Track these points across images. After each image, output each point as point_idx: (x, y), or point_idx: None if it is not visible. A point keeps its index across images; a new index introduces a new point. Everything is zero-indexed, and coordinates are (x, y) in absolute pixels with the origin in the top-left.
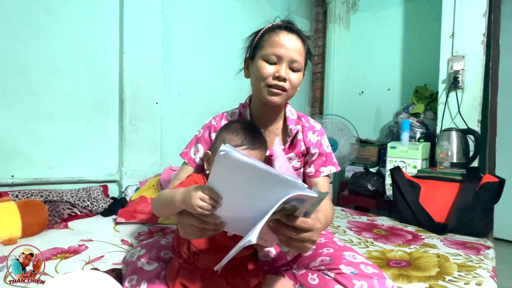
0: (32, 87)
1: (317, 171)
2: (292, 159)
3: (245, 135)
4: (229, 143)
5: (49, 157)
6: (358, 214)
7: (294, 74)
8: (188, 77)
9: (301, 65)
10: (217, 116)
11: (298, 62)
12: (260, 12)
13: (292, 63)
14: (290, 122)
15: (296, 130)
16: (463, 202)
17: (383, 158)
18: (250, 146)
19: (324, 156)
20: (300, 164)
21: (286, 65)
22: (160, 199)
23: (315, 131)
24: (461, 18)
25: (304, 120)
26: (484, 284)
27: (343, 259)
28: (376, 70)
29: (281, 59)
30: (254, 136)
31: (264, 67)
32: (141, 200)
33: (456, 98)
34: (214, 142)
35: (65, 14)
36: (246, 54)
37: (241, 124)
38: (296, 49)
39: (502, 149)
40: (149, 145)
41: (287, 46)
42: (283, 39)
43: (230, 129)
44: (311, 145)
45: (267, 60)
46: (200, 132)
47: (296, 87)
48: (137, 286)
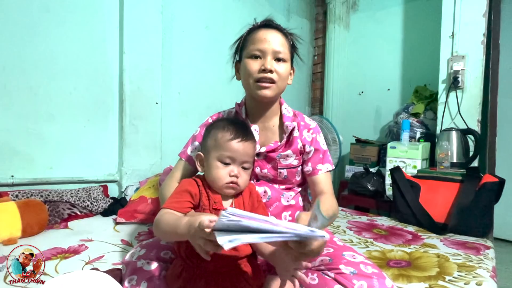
0: (32, 87)
1: (314, 168)
2: (289, 156)
3: (235, 129)
4: (221, 139)
5: (49, 157)
6: (358, 214)
7: (280, 64)
8: (188, 77)
9: (286, 56)
10: (213, 115)
11: (281, 52)
12: (260, 12)
13: (277, 54)
14: (286, 119)
15: (292, 126)
16: (463, 202)
17: (383, 158)
18: (243, 138)
19: (321, 153)
20: (298, 162)
21: (270, 57)
22: (162, 226)
23: (310, 129)
24: (461, 18)
25: (299, 118)
26: (484, 284)
27: (343, 259)
28: (376, 70)
29: (264, 53)
30: (244, 129)
31: (249, 63)
32: (141, 200)
33: (456, 98)
34: (204, 141)
35: (65, 14)
36: (234, 59)
37: (228, 120)
38: (277, 41)
39: (502, 149)
40: (149, 145)
41: (268, 39)
42: (263, 34)
43: (219, 126)
44: (307, 143)
45: (252, 57)
46: (197, 130)
47: (285, 78)
48: (137, 286)
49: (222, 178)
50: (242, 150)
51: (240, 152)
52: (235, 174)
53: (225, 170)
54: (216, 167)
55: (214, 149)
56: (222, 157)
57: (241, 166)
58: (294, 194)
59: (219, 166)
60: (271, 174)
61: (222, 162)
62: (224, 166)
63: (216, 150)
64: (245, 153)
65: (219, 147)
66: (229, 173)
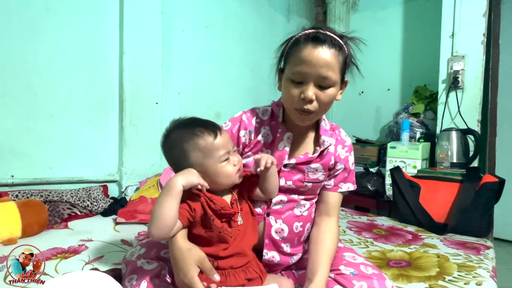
0: (32, 87)
1: (335, 185)
2: (318, 170)
3: (209, 129)
4: (205, 145)
5: (49, 157)
6: (358, 214)
7: (323, 92)
8: (188, 77)
9: (333, 79)
10: (247, 112)
11: (328, 78)
12: (260, 12)
13: (321, 81)
14: (323, 133)
15: (329, 143)
16: (463, 202)
17: (383, 158)
18: (219, 133)
19: (347, 172)
20: (324, 178)
21: (313, 84)
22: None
23: (345, 146)
24: (461, 18)
25: (337, 133)
26: (484, 284)
27: (343, 259)
28: (376, 70)
29: (307, 78)
30: (212, 124)
31: (289, 88)
32: (141, 200)
33: (456, 98)
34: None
35: (65, 14)
36: (278, 66)
37: (193, 125)
38: (325, 63)
39: (502, 149)
40: (149, 145)
41: (313, 62)
42: (308, 54)
43: (194, 136)
44: (339, 160)
45: (293, 80)
46: (228, 125)
47: (327, 104)
48: (137, 285)
49: (232, 174)
50: (228, 140)
51: (227, 142)
52: (237, 163)
53: (229, 165)
54: (222, 168)
55: (207, 158)
56: (220, 158)
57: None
58: (309, 206)
59: (224, 165)
60: (295, 186)
61: (223, 161)
62: (227, 163)
63: (209, 157)
64: (229, 142)
65: (209, 152)
66: (233, 164)
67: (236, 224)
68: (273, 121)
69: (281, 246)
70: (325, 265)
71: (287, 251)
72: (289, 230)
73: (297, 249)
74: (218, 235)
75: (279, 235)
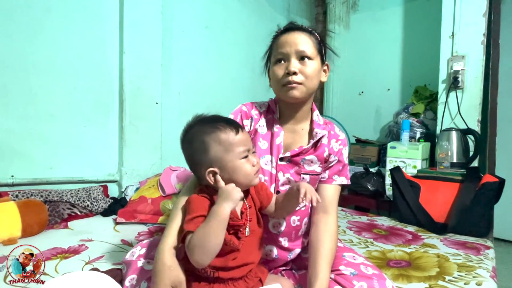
0: (32, 87)
1: (330, 177)
2: (313, 162)
3: (231, 125)
4: (226, 139)
5: (49, 157)
6: (358, 214)
7: (305, 64)
8: (188, 77)
9: (312, 53)
10: (246, 104)
11: (305, 50)
12: (260, 12)
13: (300, 54)
14: (316, 126)
15: (322, 134)
16: (463, 202)
17: (383, 158)
18: (241, 130)
19: (341, 165)
20: (321, 170)
21: (294, 58)
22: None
23: (339, 139)
24: (461, 18)
25: (330, 127)
26: (484, 284)
27: (343, 259)
28: (376, 70)
29: (288, 55)
30: (234, 122)
31: (275, 69)
32: (141, 200)
33: (456, 98)
34: (203, 155)
35: (65, 14)
36: (266, 68)
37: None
38: (300, 41)
39: (502, 149)
40: (149, 145)
41: (289, 41)
42: (286, 37)
43: (216, 130)
44: (333, 152)
45: (277, 62)
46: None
47: (313, 77)
48: (137, 285)
49: (250, 173)
50: (249, 139)
51: (247, 140)
52: (255, 163)
53: (248, 164)
54: (241, 165)
55: (227, 152)
56: (240, 154)
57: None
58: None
59: (243, 162)
60: (293, 180)
61: (242, 158)
62: (246, 160)
63: (229, 151)
64: (249, 141)
65: (230, 147)
66: (252, 164)
67: (244, 235)
68: (269, 115)
69: (278, 240)
70: (324, 270)
71: (285, 245)
72: (286, 224)
73: (295, 243)
74: (224, 248)
75: (276, 229)
